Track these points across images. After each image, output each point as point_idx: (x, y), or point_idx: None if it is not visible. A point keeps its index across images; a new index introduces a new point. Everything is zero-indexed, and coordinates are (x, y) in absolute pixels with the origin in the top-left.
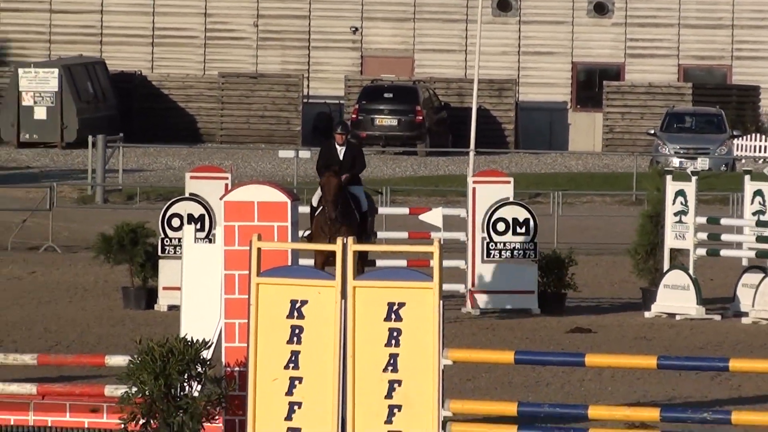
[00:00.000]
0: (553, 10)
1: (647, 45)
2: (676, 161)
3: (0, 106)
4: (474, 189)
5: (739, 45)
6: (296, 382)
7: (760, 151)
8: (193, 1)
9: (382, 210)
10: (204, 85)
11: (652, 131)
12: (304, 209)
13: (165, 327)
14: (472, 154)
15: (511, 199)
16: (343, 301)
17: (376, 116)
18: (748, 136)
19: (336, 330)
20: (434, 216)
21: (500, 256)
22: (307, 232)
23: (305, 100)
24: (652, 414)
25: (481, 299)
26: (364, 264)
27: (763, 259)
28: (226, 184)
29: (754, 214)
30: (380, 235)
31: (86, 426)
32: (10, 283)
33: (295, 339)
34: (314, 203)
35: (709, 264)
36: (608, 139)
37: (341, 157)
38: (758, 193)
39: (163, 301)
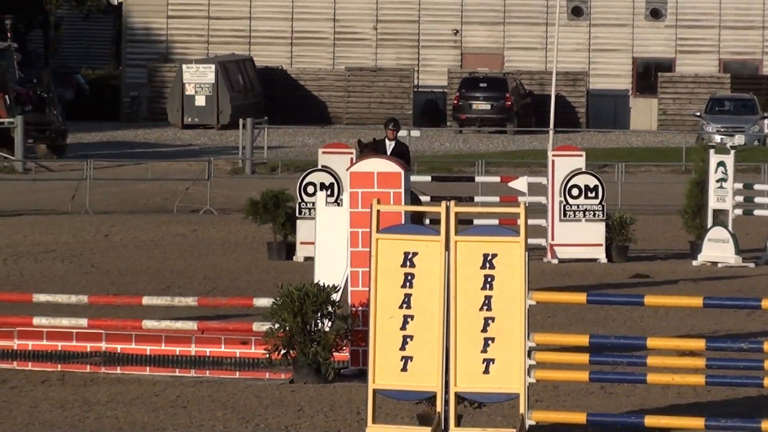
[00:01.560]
0: (617, 15)
1: (693, 43)
2: (717, 138)
3: (168, 96)
4: (553, 161)
5: None
6: (408, 319)
7: None
8: (324, 8)
9: (478, 178)
10: (333, 78)
11: (698, 113)
12: (415, 178)
13: (302, 275)
14: (551, 132)
15: (583, 169)
16: (446, 252)
17: (473, 102)
18: None
19: (441, 276)
20: (520, 183)
21: (574, 216)
22: None
23: (415, 89)
24: (699, 344)
25: (559, 251)
26: None
27: None
28: (351, 158)
29: None
30: (477, 199)
31: (237, 355)
32: (175, 239)
33: (407, 284)
34: None
35: (744, 222)
36: (662, 120)
37: (388, 152)
38: None
39: (300, 254)
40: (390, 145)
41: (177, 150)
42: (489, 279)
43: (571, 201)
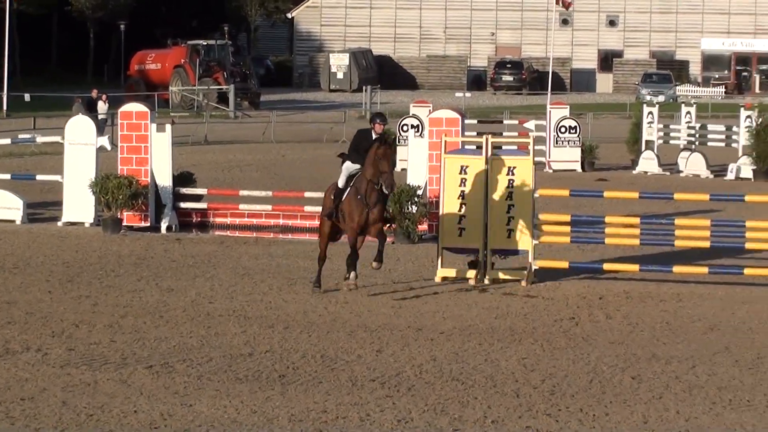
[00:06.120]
0: (589, 24)
1: (634, 41)
2: (648, 97)
3: (320, 72)
4: (550, 111)
5: None
6: (463, 206)
7: None
8: (413, 20)
9: (505, 121)
10: (419, 61)
11: (637, 83)
12: (467, 122)
13: (399, 179)
14: (549, 94)
15: (568, 116)
16: (486, 166)
17: (503, 75)
18: None
19: (482, 179)
20: (530, 124)
21: (562, 144)
22: (327, 212)
23: (468, 68)
24: (636, 220)
25: (553, 165)
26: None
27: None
28: (429, 109)
29: None
30: (504, 133)
31: None
32: (325, 157)
33: (462, 184)
34: (341, 185)
35: (664, 148)
36: (615, 87)
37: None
38: None
39: (399, 166)
40: (375, 137)
41: (325, 104)
42: (511, 181)
43: (560, 135)
